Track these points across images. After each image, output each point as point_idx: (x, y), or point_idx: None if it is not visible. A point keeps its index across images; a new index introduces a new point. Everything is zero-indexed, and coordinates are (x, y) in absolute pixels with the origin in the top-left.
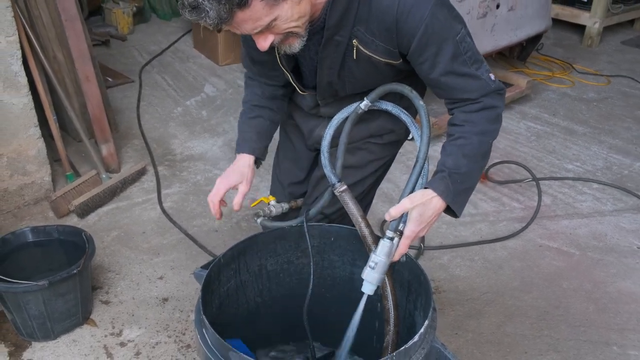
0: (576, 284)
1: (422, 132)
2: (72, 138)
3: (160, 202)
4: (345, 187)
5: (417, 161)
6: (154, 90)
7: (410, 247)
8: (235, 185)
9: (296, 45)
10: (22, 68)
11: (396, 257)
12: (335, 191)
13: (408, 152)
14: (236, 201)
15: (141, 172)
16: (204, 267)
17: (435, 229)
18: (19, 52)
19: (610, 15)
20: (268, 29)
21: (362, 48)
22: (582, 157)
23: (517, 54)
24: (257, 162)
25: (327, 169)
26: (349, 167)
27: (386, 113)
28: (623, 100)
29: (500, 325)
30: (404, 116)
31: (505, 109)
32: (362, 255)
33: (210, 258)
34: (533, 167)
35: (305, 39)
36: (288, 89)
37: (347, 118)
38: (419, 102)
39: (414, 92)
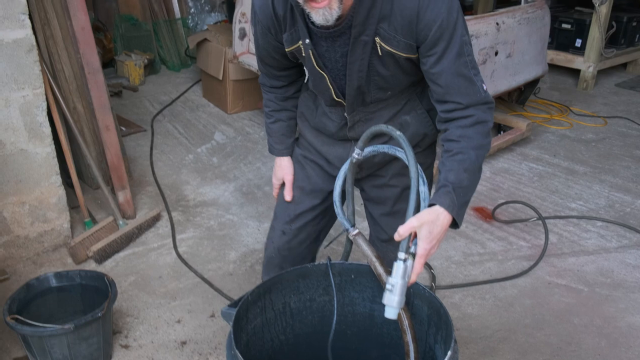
0: (587, 319)
1: (407, 154)
2: (87, 186)
3: (175, 247)
4: (357, 231)
5: (411, 180)
6: (166, 138)
7: (424, 286)
8: (282, 177)
9: (335, 7)
10: (47, 119)
11: (413, 278)
12: (349, 236)
13: None
14: (286, 191)
15: (156, 218)
16: (231, 305)
17: (445, 268)
18: (45, 104)
19: (603, 59)
20: None
21: (385, 45)
22: (584, 195)
23: (516, 98)
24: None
25: (340, 217)
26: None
27: (415, 119)
28: (621, 140)
29: None
30: (399, 153)
31: (507, 151)
32: (382, 291)
33: (227, 301)
34: (537, 206)
35: (339, 10)
36: (297, 85)
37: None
38: (397, 133)
39: (390, 127)
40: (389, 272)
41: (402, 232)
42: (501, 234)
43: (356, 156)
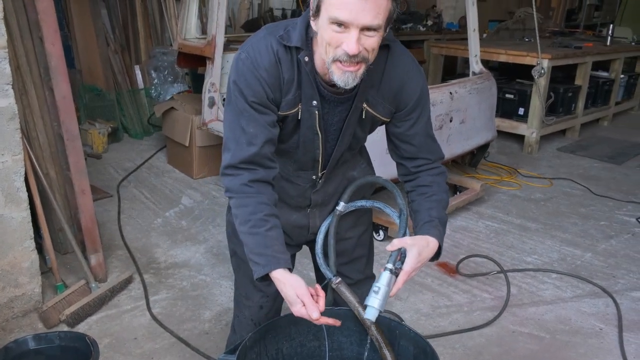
0: None
1: (395, 194)
2: (56, 251)
3: (149, 308)
4: (339, 279)
5: (401, 211)
6: (133, 203)
7: (409, 327)
8: (300, 299)
9: (359, 74)
10: (24, 184)
11: (393, 292)
12: (332, 285)
13: (381, 252)
14: (314, 310)
15: (128, 281)
16: (228, 352)
17: (415, 320)
18: (23, 170)
19: (544, 126)
20: (370, 33)
21: (370, 110)
22: (538, 250)
23: (469, 161)
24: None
25: (322, 267)
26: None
27: (360, 174)
28: (566, 199)
29: None
30: (377, 203)
31: (463, 210)
32: (367, 335)
33: None
34: (496, 260)
35: (360, 79)
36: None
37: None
38: (382, 179)
39: (376, 177)
40: None
41: (395, 243)
42: (465, 287)
43: (341, 209)
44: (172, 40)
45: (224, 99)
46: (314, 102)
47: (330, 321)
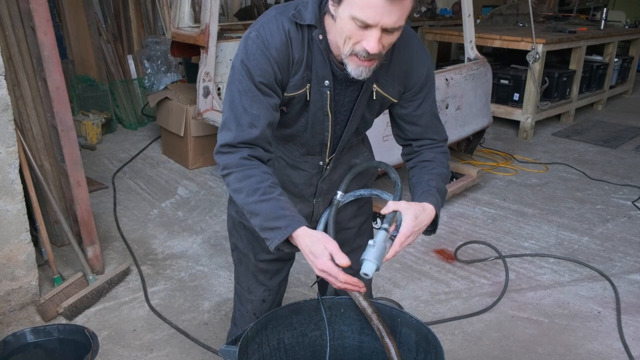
0: (550, 348)
1: (389, 170)
2: (52, 243)
3: (147, 300)
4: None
5: (395, 183)
6: (129, 194)
7: (411, 314)
8: (329, 251)
9: (373, 67)
10: (19, 176)
11: (390, 255)
12: None
13: None
14: (342, 258)
15: (125, 272)
16: (230, 343)
17: (414, 307)
18: (17, 162)
19: (539, 111)
20: (390, 32)
21: (380, 90)
22: (535, 235)
23: (464, 147)
24: None
25: None
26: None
27: (363, 162)
28: (562, 184)
29: None
30: (375, 191)
31: (460, 196)
32: (369, 323)
33: (205, 350)
34: (494, 246)
35: (377, 66)
36: None
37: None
38: (384, 163)
39: (376, 161)
40: (372, 305)
41: (390, 205)
42: (463, 273)
43: (339, 199)
44: (165, 29)
45: (218, 89)
46: (326, 82)
47: (354, 281)
